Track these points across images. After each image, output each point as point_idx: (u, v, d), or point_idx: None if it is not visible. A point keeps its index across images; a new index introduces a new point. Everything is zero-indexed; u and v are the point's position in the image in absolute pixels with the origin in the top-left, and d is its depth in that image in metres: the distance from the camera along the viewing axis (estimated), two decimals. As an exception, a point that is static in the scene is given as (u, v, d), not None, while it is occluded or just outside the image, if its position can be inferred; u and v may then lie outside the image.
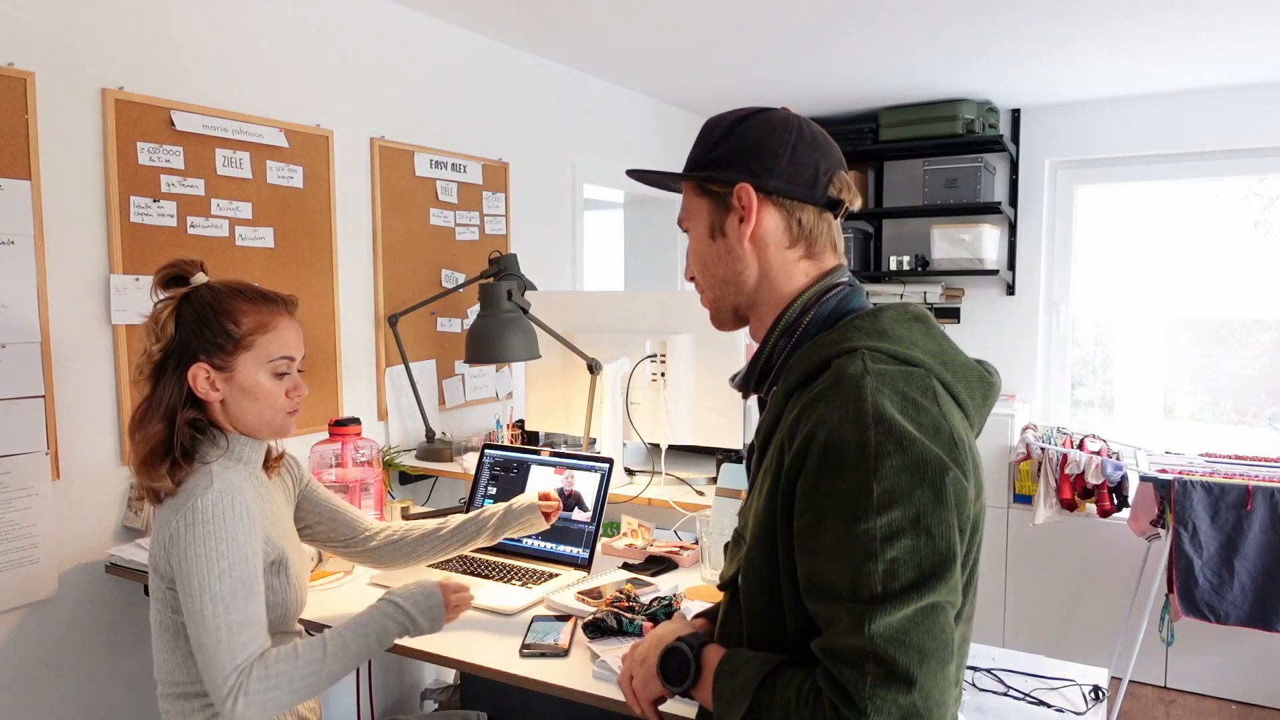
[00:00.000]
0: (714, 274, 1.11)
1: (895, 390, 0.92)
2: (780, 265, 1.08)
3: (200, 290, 1.45)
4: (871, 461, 0.88)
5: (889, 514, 0.88)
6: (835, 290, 1.07)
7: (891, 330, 1.00)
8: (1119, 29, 3.04)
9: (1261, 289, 4.04)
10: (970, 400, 1.01)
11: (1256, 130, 3.90)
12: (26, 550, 1.91)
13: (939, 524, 0.89)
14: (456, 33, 3.02)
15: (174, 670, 1.42)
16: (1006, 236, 4.40)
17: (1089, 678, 1.60)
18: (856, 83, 3.80)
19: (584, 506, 2.06)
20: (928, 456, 0.89)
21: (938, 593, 0.88)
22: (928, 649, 0.86)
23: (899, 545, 0.87)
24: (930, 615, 0.87)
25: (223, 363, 1.41)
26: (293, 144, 2.45)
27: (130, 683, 2.14)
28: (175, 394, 1.40)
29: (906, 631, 0.86)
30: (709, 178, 1.09)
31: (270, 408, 1.44)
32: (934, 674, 0.86)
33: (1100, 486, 3.31)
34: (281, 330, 1.45)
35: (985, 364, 1.07)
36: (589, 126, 3.72)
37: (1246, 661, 3.38)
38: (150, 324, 1.43)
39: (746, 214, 1.06)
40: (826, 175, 1.07)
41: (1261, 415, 4.12)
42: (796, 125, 1.07)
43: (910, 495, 0.88)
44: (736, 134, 1.07)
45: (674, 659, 1.08)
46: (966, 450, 0.95)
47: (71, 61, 1.97)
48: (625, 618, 1.59)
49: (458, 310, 3.08)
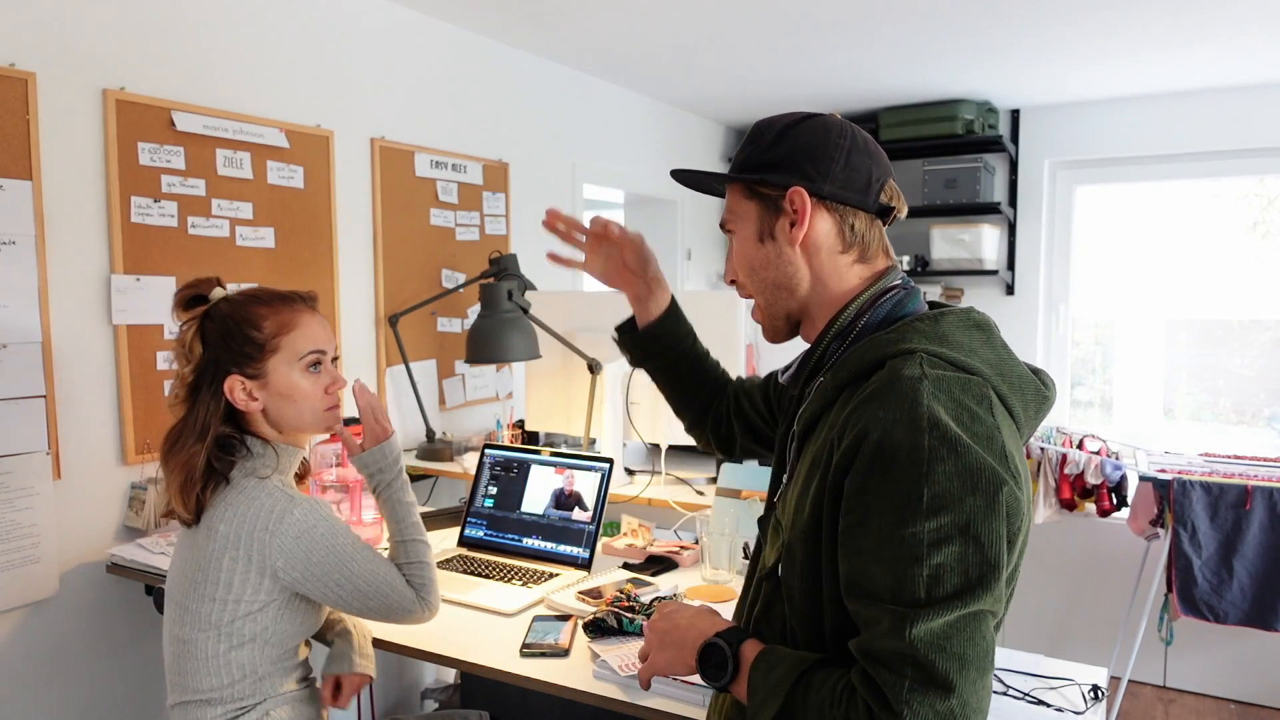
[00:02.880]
0: (763, 278, 1.10)
1: (951, 397, 0.91)
2: (832, 269, 1.06)
3: (219, 305, 1.46)
4: (924, 465, 0.87)
5: (938, 519, 0.87)
6: (890, 294, 1.05)
7: (951, 336, 0.98)
8: (1119, 29, 3.05)
9: (1260, 289, 4.05)
10: (1024, 413, 1.00)
11: (1255, 130, 3.91)
12: (27, 550, 1.91)
13: (989, 533, 0.87)
14: (456, 33, 3.02)
15: (206, 677, 1.43)
16: (1006, 237, 4.40)
17: (1088, 677, 1.60)
18: (856, 83, 3.81)
19: (584, 506, 2.06)
20: (981, 465, 0.88)
21: (982, 601, 0.87)
22: (968, 656, 0.86)
23: (946, 551, 0.87)
24: (973, 623, 0.86)
25: (255, 370, 1.43)
26: (293, 144, 2.45)
27: (130, 682, 2.15)
28: (213, 411, 1.42)
29: (948, 638, 0.85)
30: (761, 180, 1.07)
31: (310, 408, 1.47)
32: (973, 682, 0.86)
33: (1099, 486, 3.31)
34: (305, 326, 1.47)
35: (1042, 375, 1.05)
36: (589, 126, 3.72)
37: (1245, 661, 3.39)
38: (178, 348, 1.45)
39: (799, 218, 1.04)
40: (879, 182, 1.06)
41: (1261, 415, 4.13)
42: (850, 131, 1.06)
43: (961, 502, 0.87)
44: (790, 137, 1.06)
45: (714, 655, 1.05)
46: (1016, 464, 0.93)
47: (72, 62, 1.97)
48: (625, 618, 1.59)
49: (458, 310, 3.09)
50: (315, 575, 1.42)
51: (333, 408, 1.50)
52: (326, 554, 1.42)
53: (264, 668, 1.45)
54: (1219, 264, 4.13)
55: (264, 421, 1.46)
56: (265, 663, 1.45)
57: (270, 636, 1.44)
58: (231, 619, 1.41)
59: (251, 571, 1.40)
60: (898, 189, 1.09)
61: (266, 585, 1.41)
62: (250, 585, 1.40)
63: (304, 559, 1.40)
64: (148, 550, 2.00)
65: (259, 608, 1.41)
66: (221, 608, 1.41)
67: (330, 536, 1.42)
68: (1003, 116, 4.38)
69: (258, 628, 1.42)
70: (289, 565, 1.40)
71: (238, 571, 1.40)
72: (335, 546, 1.43)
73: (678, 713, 1.36)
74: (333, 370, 1.50)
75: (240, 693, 1.44)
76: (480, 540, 2.15)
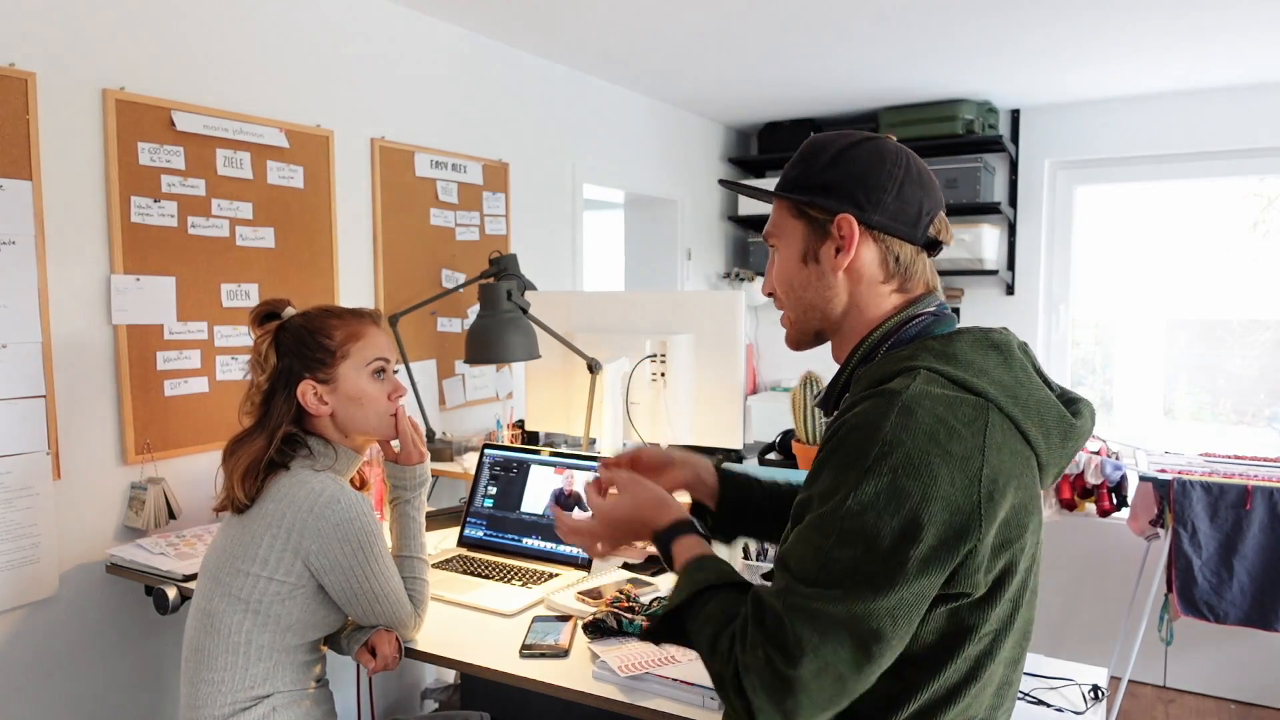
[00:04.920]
0: (800, 298, 1.10)
1: (931, 412, 0.91)
2: (871, 297, 1.06)
3: (292, 319, 1.60)
4: (872, 461, 0.89)
5: (858, 520, 0.88)
6: (919, 319, 1.04)
7: (962, 355, 0.98)
8: (1119, 29, 3.05)
9: (1260, 289, 4.05)
10: (1044, 439, 0.98)
11: (1255, 130, 3.91)
12: (27, 550, 1.91)
13: (898, 552, 0.87)
14: (456, 33, 3.02)
15: (224, 654, 1.48)
16: (1006, 237, 4.40)
17: (1088, 677, 1.60)
18: (856, 83, 3.80)
19: (584, 506, 2.06)
20: (928, 485, 0.88)
21: (865, 606, 0.87)
22: (825, 649, 0.88)
23: (851, 550, 0.88)
24: (848, 626, 0.88)
25: (326, 375, 1.55)
26: (293, 144, 2.45)
27: (130, 682, 2.15)
28: (285, 413, 1.54)
29: (815, 618, 0.88)
30: (810, 202, 1.06)
31: (375, 412, 1.59)
32: (819, 674, 0.88)
33: (1099, 486, 3.31)
34: (371, 336, 1.60)
35: (1076, 404, 1.03)
36: (589, 126, 3.72)
37: (1245, 661, 3.39)
38: (253, 359, 1.58)
39: (846, 245, 1.04)
40: (929, 215, 1.05)
41: (1261, 415, 4.13)
42: (905, 160, 1.05)
43: (882, 515, 0.88)
44: (845, 160, 1.04)
45: (661, 549, 1.15)
46: (1003, 488, 0.91)
47: (72, 62, 1.97)
48: (625, 618, 1.59)
49: (458, 310, 3.08)
50: (341, 568, 1.49)
51: (394, 414, 1.62)
52: (356, 550, 1.49)
53: (281, 656, 1.50)
54: (1219, 264, 4.12)
55: (330, 426, 1.58)
56: (283, 651, 1.50)
57: (293, 623, 1.50)
58: (260, 597, 1.48)
59: (287, 552, 1.47)
60: (946, 222, 1.08)
61: (298, 569, 1.48)
62: (284, 566, 1.48)
63: (337, 550, 1.48)
64: (147, 550, 2.00)
65: (289, 591, 1.48)
66: (254, 584, 1.48)
67: (365, 535, 1.50)
68: (1003, 116, 4.38)
69: (283, 611, 1.49)
70: (322, 551, 1.47)
71: (275, 549, 1.48)
72: (366, 545, 1.51)
73: (678, 713, 1.36)
74: (394, 379, 1.63)
75: (252, 679, 1.48)
76: (480, 540, 2.15)
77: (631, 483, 1.20)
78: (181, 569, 1.91)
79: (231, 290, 2.31)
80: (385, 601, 1.55)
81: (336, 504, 1.49)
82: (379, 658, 1.58)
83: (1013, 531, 0.94)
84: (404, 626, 1.60)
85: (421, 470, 1.69)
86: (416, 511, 1.69)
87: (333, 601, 1.54)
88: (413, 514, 1.68)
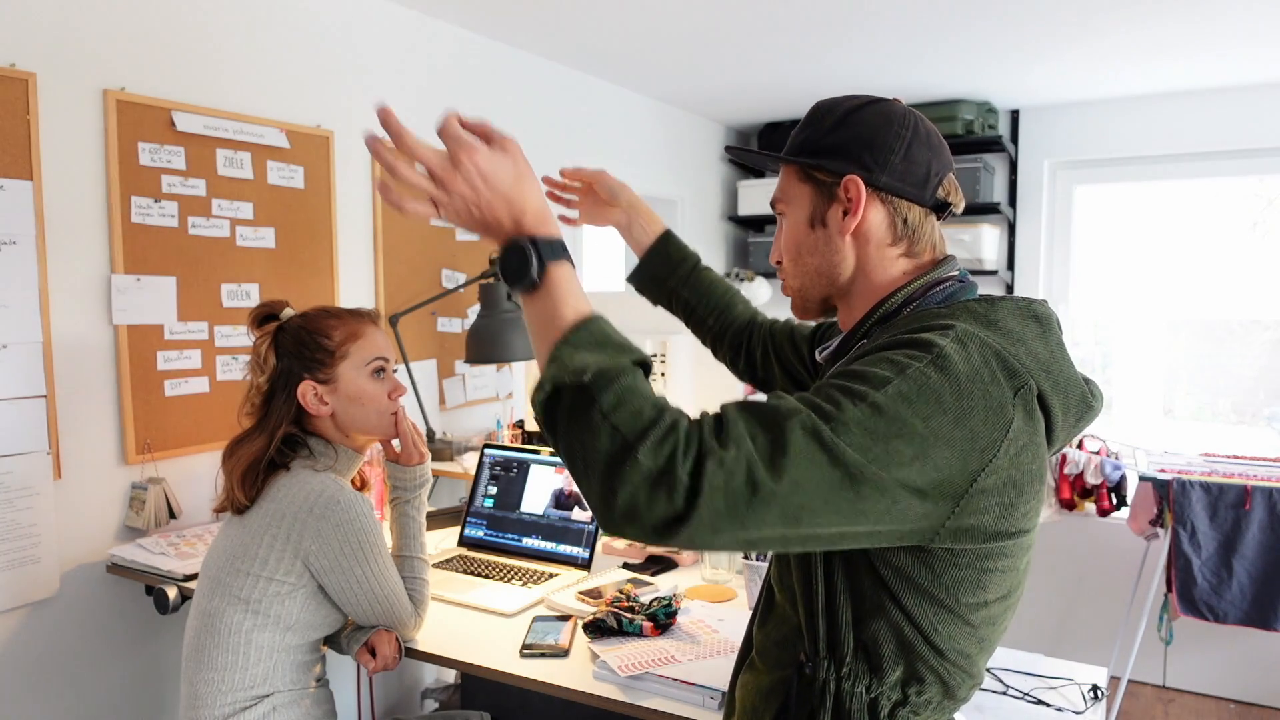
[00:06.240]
0: (806, 263, 1.07)
1: (979, 352, 0.88)
2: (879, 260, 1.03)
3: (291, 320, 1.60)
4: (902, 364, 0.85)
5: (878, 403, 0.82)
6: (945, 284, 1.01)
7: (1003, 322, 0.94)
8: (1118, 29, 3.05)
9: (1260, 289, 4.05)
10: (1063, 417, 0.95)
11: (1255, 130, 3.91)
12: (28, 550, 1.91)
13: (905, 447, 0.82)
14: (457, 33, 3.02)
15: (224, 654, 1.48)
16: (1006, 237, 4.40)
17: (1088, 677, 1.60)
18: (856, 83, 3.81)
19: (584, 506, 2.06)
20: (966, 401, 0.84)
21: (854, 465, 0.80)
22: (801, 468, 0.78)
23: (861, 420, 0.81)
24: (835, 471, 0.79)
25: (326, 375, 1.56)
26: (293, 144, 2.45)
27: (130, 682, 2.15)
28: (285, 414, 1.55)
29: (816, 432, 0.80)
30: (817, 165, 1.03)
31: (375, 410, 1.59)
32: (786, 472, 0.78)
33: (1099, 486, 3.31)
34: (370, 336, 1.61)
35: (1092, 385, 1.02)
36: (589, 126, 3.72)
37: (1245, 661, 3.39)
38: (253, 361, 1.58)
39: (853, 207, 1.01)
40: (938, 176, 1.03)
41: (1260, 415, 4.13)
42: (913, 121, 1.03)
43: (909, 410, 0.82)
44: (851, 122, 1.02)
45: (515, 258, 0.87)
46: (1011, 446, 0.87)
47: (73, 62, 1.97)
48: (625, 618, 1.60)
49: (458, 310, 3.09)
50: (341, 568, 1.49)
51: (394, 412, 1.62)
52: (356, 550, 1.50)
53: (281, 656, 1.51)
54: (1219, 264, 4.13)
55: (331, 426, 1.59)
56: (283, 650, 1.51)
57: (294, 623, 1.51)
58: (261, 597, 1.48)
59: (287, 552, 1.48)
60: (956, 184, 1.05)
61: (298, 569, 1.49)
62: (284, 566, 1.48)
63: (337, 550, 1.48)
64: (148, 550, 2.00)
65: (288, 591, 1.49)
66: (254, 583, 1.48)
67: (365, 535, 1.51)
68: (1003, 116, 4.38)
69: (283, 611, 1.49)
70: (321, 551, 1.48)
71: (275, 549, 1.48)
72: (366, 545, 1.51)
73: (678, 713, 1.37)
74: (394, 379, 1.63)
75: (252, 679, 1.49)
76: (480, 540, 2.15)
77: (520, 159, 0.91)
78: (182, 569, 1.91)
79: (232, 290, 2.32)
80: (385, 601, 1.55)
81: (336, 504, 1.49)
82: (379, 658, 1.58)
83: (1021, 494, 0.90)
84: (404, 626, 1.61)
85: (422, 471, 1.70)
86: (417, 512, 1.69)
87: (333, 601, 1.55)
88: (413, 514, 1.69)
